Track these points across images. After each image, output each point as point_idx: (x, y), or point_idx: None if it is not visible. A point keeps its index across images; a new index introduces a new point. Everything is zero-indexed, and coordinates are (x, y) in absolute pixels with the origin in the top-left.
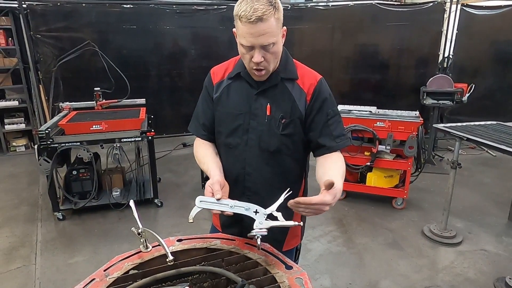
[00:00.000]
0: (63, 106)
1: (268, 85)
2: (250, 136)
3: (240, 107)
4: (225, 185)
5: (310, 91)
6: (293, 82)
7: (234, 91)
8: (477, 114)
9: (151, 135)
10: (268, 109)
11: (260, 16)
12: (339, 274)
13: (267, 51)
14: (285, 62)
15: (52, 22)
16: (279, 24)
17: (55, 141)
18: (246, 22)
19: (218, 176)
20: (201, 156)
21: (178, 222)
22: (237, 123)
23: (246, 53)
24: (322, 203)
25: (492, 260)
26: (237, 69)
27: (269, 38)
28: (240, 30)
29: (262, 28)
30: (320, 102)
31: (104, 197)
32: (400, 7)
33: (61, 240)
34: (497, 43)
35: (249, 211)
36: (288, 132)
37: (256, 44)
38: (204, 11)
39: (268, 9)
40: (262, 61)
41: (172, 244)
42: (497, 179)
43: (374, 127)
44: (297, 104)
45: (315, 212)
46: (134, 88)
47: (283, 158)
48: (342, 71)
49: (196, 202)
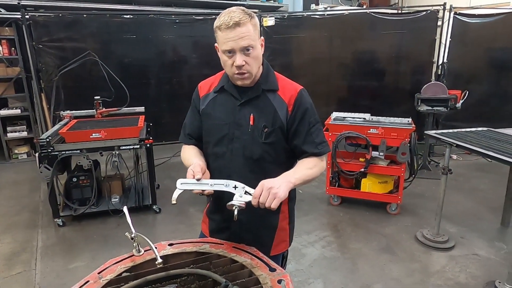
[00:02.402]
0: (64, 114)
1: (250, 96)
2: (235, 145)
3: (225, 118)
4: (205, 172)
5: (291, 102)
6: (274, 93)
7: (219, 103)
8: (472, 120)
9: (150, 143)
10: (251, 119)
11: (237, 21)
12: (332, 278)
13: (247, 56)
14: (266, 74)
15: (54, 33)
16: (256, 31)
17: (56, 149)
18: (225, 28)
19: (200, 161)
20: (187, 155)
21: (176, 228)
22: (223, 133)
23: (228, 60)
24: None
25: (484, 264)
26: (222, 82)
27: (248, 41)
28: (220, 38)
29: (241, 31)
30: (302, 113)
31: (104, 204)
32: (395, 16)
33: (61, 246)
34: (490, 50)
35: (228, 187)
36: (270, 140)
37: (236, 47)
38: (202, 21)
39: (244, 16)
40: (244, 65)
41: (164, 248)
42: (491, 185)
43: (367, 134)
44: (278, 114)
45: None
46: (134, 96)
47: (266, 165)
48: (340, 78)
49: (177, 184)
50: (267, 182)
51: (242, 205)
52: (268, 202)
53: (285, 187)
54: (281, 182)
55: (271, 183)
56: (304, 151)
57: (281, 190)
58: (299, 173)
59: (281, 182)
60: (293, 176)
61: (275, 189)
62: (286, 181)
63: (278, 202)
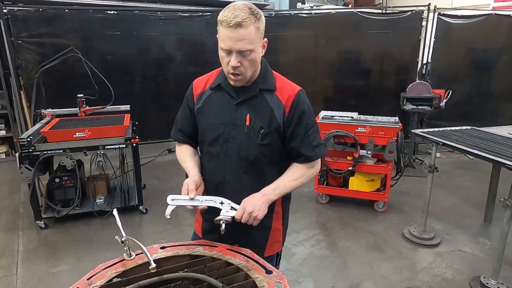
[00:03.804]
0: (45, 112)
1: (247, 96)
2: (230, 145)
3: (220, 117)
4: (201, 184)
5: (289, 103)
6: (271, 93)
7: (215, 102)
8: (455, 119)
9: (136, 142)
10: (247, 119)
11: (239, 22)
12: (322, 277)
13: (244, 58)
14: (264, 74)
15: (34, 28)
16: (258, 34)
17: (37, 149)
18: (226, 26)
19: (195, 175)
20: (182, 155)
21: (163, 229)
22: (218, 132)
23: (225, 57)
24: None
25: (469, 260)
26: (218, 80)
27: (247, 45)
28: (220, 34)
29: (241, 33)
30: (299, 114)
31: (88, 205)
32: (380, 16)
33: (44, 249)
34: (472, 51)
35: (216, 203)
36: (267, 142)
37: (234, 49)
38: (189, 18)
39: (248, 17)
40: (238, 66)
41: (156, 252)
42: (473, 182)
43: (355, 133)
44: (275, 114)
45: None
46: (119, 94)
47: (261, 167)
48: (326, 77)
49: (168, 200)
50: (248, 205)
51: (228, 219)
52: (249, 222)
53: (265, 206)
54: (260, 202)
55: (251, 207)
56: (301, 153)
57: (261, 211)
58: (280, 188)
59: (260, 202)
60: (272, 193)
61: (256, 212)
62: (265, 200)
63: (258, 222)
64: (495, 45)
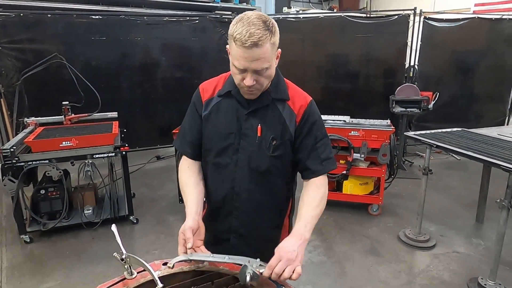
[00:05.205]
0: (28, 121)
1: (259, 105)
2: (240, 156)
3: (230, 127)
4: (199, 228)
5: (300, 112)
6: (283, 103)
7: (224, 110)
8: (441, 120)
9: (125, 150)
10: (259, 130)
11: (255, 42)
12: (321, 284)
13: (260, 75)
14: (276, 83)
15: (15, 34)
16: (274, 49)
17: (21, 160)
18: (241, 46)
19: (191, 221)
20: (184, 183)
21: (155, 238)
22: (227, 142)
23: (238, 74)
24: (271, 270)
25: (464, 261)
26: (228, 87)
27: (263, 63)
28: (234, 51)
29: (257, 53)
30: (310, 125)
31: (76, 216)
32: (368, 19)
33: (29, 265)
34: (457, 53)
35: (243, 261)
36: (279, 153)
37: (249, 68)
38: (176, 22)
39: (264, 34)
40: (254, 84)
41: (159, 269)
42: (462, 182)
43: (348, 136)
44: (287, 125)
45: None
46: (105, 101)
47: (272, 179)
48: (314, 81)
49: (181, 256)
50: (284, 253)
51: (256, 273)
52: (287, 274)
53: (303, 251)
54: (298, 249)
55: (289, 254)
56: (307, 167)
57: (300, 258)
58: (310, 223)
59: (298, 249)
60: (305, 231)
61: (297, 262)
62: (303, 243)
63: (298, 275)
64: (478, 48)
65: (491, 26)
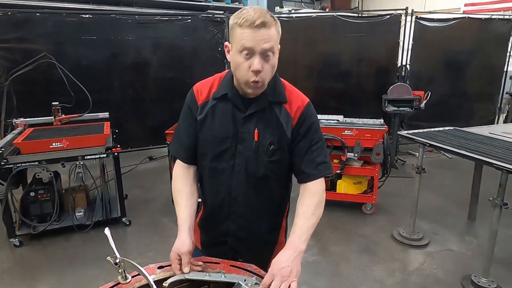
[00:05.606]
0: (17, 122)
1: (256, 109)
2: (237, 161)
3: (226, 131)
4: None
5: (297, 115)
6: (280, 106)
7: (219, 113)
8: (433, 119)
9: (117, 151)
10: (256, 134)
11: (264, 21)
12: (316, 284)
13: (266, 61)
14: (273, 84)
15: (3, 33)
16: (278, 38)
17: (10, 162)
18: (249, 26)
19: (188, 243)
20: (177, 191)
21: (149, 241)
22: (224, 147)
23: (244, 62)
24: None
25: (458, 259)
26: (224, 89)
27: (271, 44)
28: (238, 35)
29: (266, 33)
30: (306, 128)
31: (67, 219)
32: (360, 19)
33: (19, 269)
34: (448, 53)
35: (238, 280)
36: (276, 158)
37: (258, 48)
38: (168, 22)
39: (270, 18)
40: (261, 70)
41: (154, 272)
42: (454, 181)
43: (342, 136)
44: (285, 129)
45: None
46: (96, 101)
47: (269, 183)
48: (307, 80)
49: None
50: (277, 270)
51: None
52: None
53: (299, 264)
54: (293, 263)
55: (283, 271)
56: (302, 171)
57: (295, 273)
58: (305, 234)
59: (293, 263)
60: (300, 242)
61: (292, 277)
62: (298, 256)
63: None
64: (468, 47)
65: (481, 26)
